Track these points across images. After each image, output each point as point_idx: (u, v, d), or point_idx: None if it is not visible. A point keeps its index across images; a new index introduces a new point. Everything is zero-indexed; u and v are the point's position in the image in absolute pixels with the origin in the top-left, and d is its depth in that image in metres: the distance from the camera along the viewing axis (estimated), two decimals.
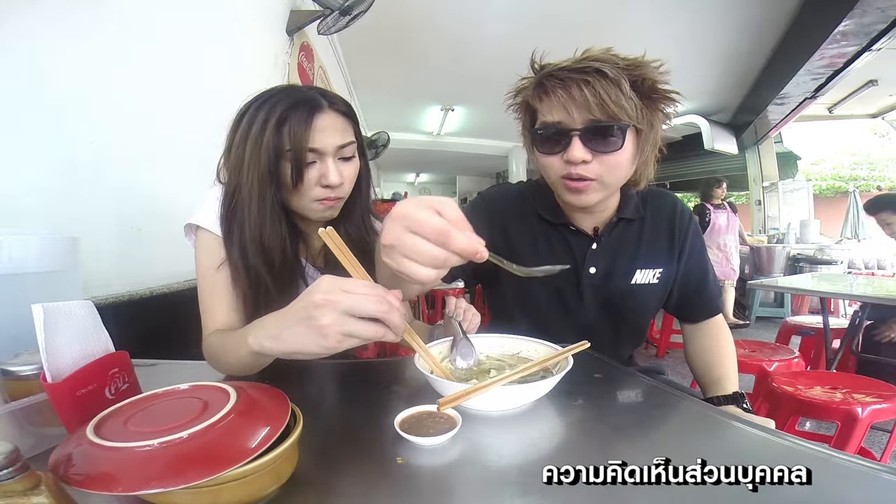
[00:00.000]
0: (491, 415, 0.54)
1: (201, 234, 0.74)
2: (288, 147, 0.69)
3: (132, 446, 0.31)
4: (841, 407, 1.23)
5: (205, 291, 0.73)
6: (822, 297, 2.09)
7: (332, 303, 0.41)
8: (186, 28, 1.33)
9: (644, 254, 0.87)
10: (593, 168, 0.72)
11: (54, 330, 0.42)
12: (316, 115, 0.70)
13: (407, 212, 0.40)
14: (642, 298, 0.88)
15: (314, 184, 0.72)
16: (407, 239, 0.39)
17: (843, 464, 0.42)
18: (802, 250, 4.85)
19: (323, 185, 0.72)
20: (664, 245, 0.89)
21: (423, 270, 0.40)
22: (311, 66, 2.66)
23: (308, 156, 0.70)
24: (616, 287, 0.86)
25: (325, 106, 0.72)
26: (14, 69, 0.80)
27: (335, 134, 0.72)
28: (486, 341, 0.73)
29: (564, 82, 0.69)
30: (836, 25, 2.68)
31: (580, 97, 0.68)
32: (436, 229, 0.39)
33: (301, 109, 0.69)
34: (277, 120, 0.68)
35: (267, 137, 0.68)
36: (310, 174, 0.71)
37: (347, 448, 0.46)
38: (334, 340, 0.42)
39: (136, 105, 1.10)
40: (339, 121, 0.74)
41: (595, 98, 0.67)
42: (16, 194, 0.81)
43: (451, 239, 0.39)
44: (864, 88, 4.55)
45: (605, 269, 0.86)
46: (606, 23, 3.19)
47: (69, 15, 0.90)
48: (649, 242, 0.88)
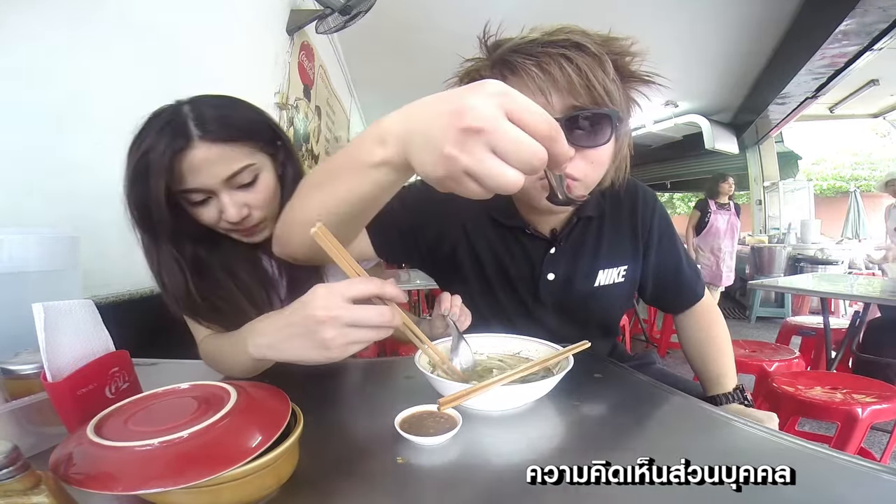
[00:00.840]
0: (491, 415, 0.54)
1: None
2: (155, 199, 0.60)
3: (132, 446, 0.31)
4: (841, 407, 1.23)
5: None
6: (823, 297, 2.09)
7: (334, 318, 0.40)
8: (187, 28, 1.33)
9: (606, 253, 0.79)
10: (578, 166, 0.60)
11: (55, 329, 0.42)
12: (184, 154, 0.60)
13: (507, 91, 0.33)
14: (608, 299, 0.81)
15: (217, 221, 0.65)
16: (509, 127, 0.32)
17: (843, 464, 0.42)
18: (803, 250, 4.84)
19: (227, 220, 0.65)
20: (627, 239, 0.81)
21: (512, 174, 0.33)
22: (312, 65, 2.66)
23: (193, 196, 0.62)
24: (578, 292, 0.79)
25: (195, 139, 0.60)
26: (14, 69, 0.80)
27: (215, 168, 0.62)
28: (487, 341, 0.73)
29: (538, 58, 0.56)
30: (837, 25, 2.67)
31: (562, 78, 0.55)
32: (548, 121, 0.33)
33: (164, 152, 0.59)
34: (142, 169, 0.59)
35: (137, 192, 0.61)
36: (208, 212, 0.64)
37: (348, 448, 0.46)
38: (338, 352, 0.42)
39: (136, 105, 1.10)
40: (217, 150, 0.61)
41: (581, 79, 0.55)
42: (16, 194, 0.81)
43: (559, 140, 0.33)
44: (866, 88, 4.54)
45: (565, 275, 0.78)
46: (606, 23, 3.17)
47: (69, 15, 0.90)
48: (611, 239, 0.80)
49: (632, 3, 2.98)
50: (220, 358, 0.63)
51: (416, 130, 0.37)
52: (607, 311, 0.85)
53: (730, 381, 0.81)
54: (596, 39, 0.58)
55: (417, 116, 0.37)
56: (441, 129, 0.33)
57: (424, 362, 0.62)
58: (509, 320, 0.81)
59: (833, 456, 0.44)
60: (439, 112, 0.34)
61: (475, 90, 0.33)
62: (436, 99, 0.36)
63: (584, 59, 0.55)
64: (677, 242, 0.87)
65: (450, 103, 0.33)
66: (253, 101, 0.73)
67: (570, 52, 0.55)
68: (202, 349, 0.69)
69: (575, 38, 0.56)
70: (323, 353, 0.42)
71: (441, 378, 0.56)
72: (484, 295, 0.81)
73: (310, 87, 2.60)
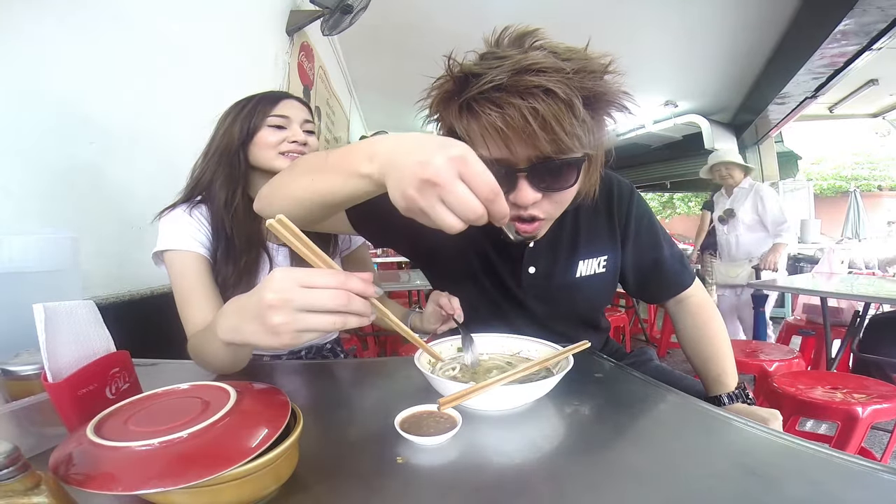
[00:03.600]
0: (491, 414, 0.54)
1: (168, 255, 0.80)
2: (254, 118, 0.87)
3: (132, 446, 0.31)
4: (841, 407, 1.23)
5: (181, 300, 0.78)
6: (823, 297, 2.09)
7: (285, 301, 0.39)
8: (186, 28, 1.33)
9: (584, 244, 0.81)
10: (543, 207, 0.63)
11: (55, 329, 0.42)
12: (283, 99, 0.90)
13: (465, 156, 0.41)
14: (590, 290, 0.83)
15: (282, 139, 0.88)
16: (457, 187, 0.41)
17: (843, 464, 0.42)
18: (803, 250, 4.84)
19: (291, 141, 0.88)
20: (604, 230, 0.83)
21: (454, 221, 0.42)
22: (312, 66, 2.66)
23: (275, 119, 0.87)
24: (559, 283, 0.81)
25: (291, 96, 0.93)
26: (15, 70, 0.80)
27: (300, 111, 0.91)
28: (487, 341, 0.73)
29: (502, 108, 0.53)
30: (835, 25, 2.67)
31: (526, 130, 0.53)
32: (491, 187, 0.41)
33: (270, 96, 0.90)
34: (251, 107, 0.87)
35: (244, 113, 0.87)
36: (278, 133, 0.88)
37: (347, 448, 0.46)
38: (289, 338, 0.40)
39: (135, 105, 1.10)
40: (304, 108, 0.93)
41: (546, 133, 0.53)
42: (17, 195, 0.81)
43: (496, 202, 0.41)
44: (865, 88, 4.54)
45: (546, 268, 0.80)
46: (606, 22, 3.19)
47: (69, 15, 0.90)
48: (588, 231, 0.82)
49: (632, 2, 2.98)
50: (201, 351, 0.65)
51: (394, 163, 0.44)
52: (591, 302, 0.86)
53: (731, 380, 0.81)
54: (566, 69, 0.53)
55: (399, 152, 0.44)
56: (409, 174, 0.41)
57: (425, 362, 0.62)
58: (499, 309, 0.83)
59: (833, 456, 0.44)
60: (413, 160, 0.41)
61: (442, 149, 0.41)
62: (416, 144, 0.43)
63: (552, 108, 0.52)
64: (658, 232, 0.87)
65: (422, 155, 0.41)
66: None
67: (537, 103, 0.52)
68: (190, 346, 0.70)
69: (544, 83, 0.52)
70: (273, 338, 0.41)
71: (441, 378, 0.56)
72: (474, 285, 0.83)
73: (309, 88, 2.60)
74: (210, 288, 0.80)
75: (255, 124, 0.86)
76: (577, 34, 0.64)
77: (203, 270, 0.81)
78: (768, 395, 1.42)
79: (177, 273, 0.79)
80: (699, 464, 0.43)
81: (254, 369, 0.76)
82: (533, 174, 0.58)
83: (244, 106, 0.88)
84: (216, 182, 0.87)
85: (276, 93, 0.92)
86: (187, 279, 0.79)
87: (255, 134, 0.87)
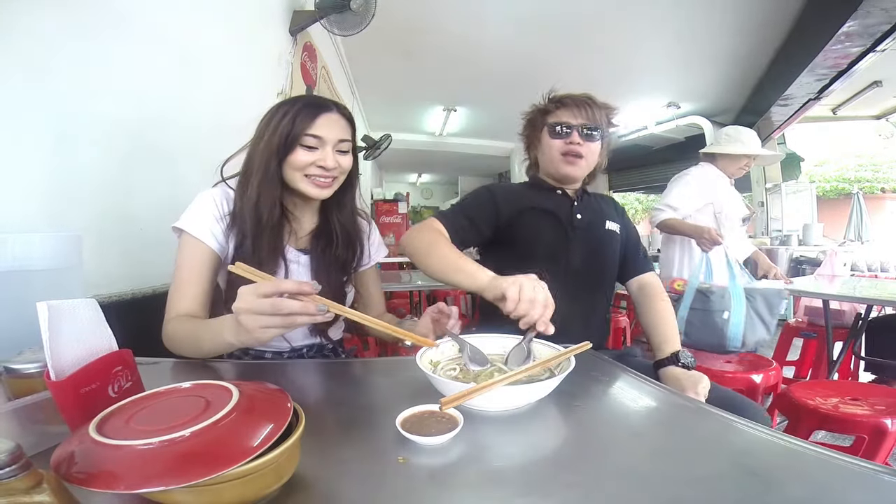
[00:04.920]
0: (493, 415, 0.54)
1: (184, 236, 0.84)
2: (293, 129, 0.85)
3: (134, 444, 0.32)
4: (869, 420, 1.16)
5: (178, 278, 0.83)
6: (825, 299, 2.08)
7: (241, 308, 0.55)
8: (188, 28, 1.33)
9: (606, 212, 1.22)
10: (584, 149, 1.12)
11: (58, 328, 0.42)
12: (324, 112, 0.88)
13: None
14: (614, 243, 1.19)
15: (310, 163, 0.86)
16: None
17: (844, 465, 0.42)
18: (805, 252, 4.83)
19: (319, 165, 0.87)
20: (613, 212, 1.24)
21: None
22: (315, 66, 2.66)
23: (310, 139, 0.86)
24: (596, 230, 1.17)
25: (333, 108, 0.90)
26: (16, 70, 0.80)
27: (336, 129, 0.89)
28: (487, 341, 0.73)
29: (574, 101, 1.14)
30: (839, 26, 2.66)
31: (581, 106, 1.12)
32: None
33: (314, 105, 0.88)
34: (295, 112, 0.86)
35: (284, 123, 0.85)
36: (308, 155, 0.86)
37: (349, 447, 0.46)
38: (258, 332, 0.55)
39: (139, 105, 1.11)
40: (343, 122, 0.91)
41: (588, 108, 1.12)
42: (19, 195, 0.81)
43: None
44: (869, 90, 4.52)
45: (588, 217, 1.18)
46: (608, 23, 3.19)
47: (71, 15, 0.91)
48: (605, 208, 1.24)
49: (634, 3, 2.97)
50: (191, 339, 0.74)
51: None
52: (613, 254, 1.19)
53: (669, 348, 1.00)
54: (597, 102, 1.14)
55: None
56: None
57: (426, 362, 0.62)
58: (555, 251, 1.13)
59: (834, 457, 0.44)
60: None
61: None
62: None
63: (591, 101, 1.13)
64: (637, 232, 1.27)
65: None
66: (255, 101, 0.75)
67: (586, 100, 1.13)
68: (171, 327, 0.78)
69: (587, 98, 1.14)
70: (246, 335, 0.57)
71: (443, 378, 0.56)
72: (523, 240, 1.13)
73: (312, 88, 2.61)
74: (206, 283, 0.84)
75: (291, 142, 0.85)
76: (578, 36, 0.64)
77: (207, 265, 0.84)
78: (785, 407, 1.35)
79: (183, 257, 0.84)
80: (700, 464, 0.43)
81: (255, 369, 0.77)
82: (582, 131, 1.12)
83: (286, 113, 0.86)
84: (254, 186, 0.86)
85: (319, 102, 0.89)
86: (189, 268, 0.83)
87: (290, 153, 0.85)
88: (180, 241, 0.85)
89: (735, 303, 1.60)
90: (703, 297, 1.66)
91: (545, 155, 1.17)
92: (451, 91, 4.85)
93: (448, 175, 10.63)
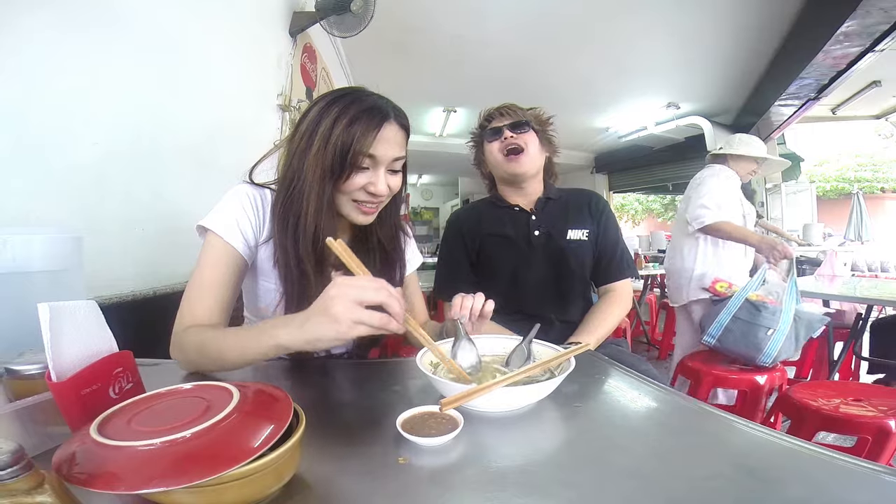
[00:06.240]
0: (493, 415, 0.54)
1: (209, 235, 0.76)
2: (351, 147, 0.71)
3: (135, 445, 0.32)
4: (874, 421, 1.16)
5: (199, 282, 0.74)
6: (826, 299, 2.08)
7: (343, 294, 0.50)
8: (189, 29, 1.33)
9: (571, 218, 1.21)
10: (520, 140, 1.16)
11: (60, 329, 0.42)
12: (384, 125, 0.73)
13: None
14: (579, 251, 1.18)
15: (359, 187, 0.75)
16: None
17: (844, 465, 0.42)
18: (805, 252, 4.83)
19: (369, 191, 0.75)
20: (585, 214, 1.22)
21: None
22: (315, 67, 2.67)
23: (364, 160, 0.73)
24: (556, 243, 1.18)
25: (392, 118, 0.75)
26: (17, 71, 0.80)
27: (394, 146, 0.75)
28: (487, 341, 0.73)
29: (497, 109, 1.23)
30: (838, 26, 2.66)
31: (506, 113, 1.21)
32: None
33: (373, 115, 0.72)
34: (350, 119, 0.71)
35: (336, 134, 0.71)
36: (359, 178, 0.74)
37: (349, 448, 0.46)
38: (346, 326, 0.49)
39: (139, 106, 1.11)
40: (400, 134, 0.78)
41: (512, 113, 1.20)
42: (19, 194, 0.81)
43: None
44: (868, 89, 4.53)
45: (546, 231, 1.19)
46: (608, 23, 3.19)
47: (72, 17, 0.91)
48: (573, 212, 1.22)
49: (633, 3, 2.98)
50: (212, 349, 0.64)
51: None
52: (580, 262, 1.19)
53: (584, 339, 1.03)
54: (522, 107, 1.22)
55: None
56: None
57: (426, 363, 0.62)
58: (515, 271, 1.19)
59: (834, 457, 0.44)
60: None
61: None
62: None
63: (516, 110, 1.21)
64: (619, 235, 1.24)
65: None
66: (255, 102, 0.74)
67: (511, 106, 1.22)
68: (183, 336, 0.69)
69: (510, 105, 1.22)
70: (335, 326, 0.50)
71: (443, 379, 0.56)
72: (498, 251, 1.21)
73: (312, 89, 2.61)
74: (230, 290, 0.76)
75: (349, 163, 0.71)
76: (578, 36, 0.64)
77: (233, 270, 0.76)
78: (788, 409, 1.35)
79: (207, 259, 0.74)
80: (700, 464, 0.43)
81: (256, 370, 0.77)
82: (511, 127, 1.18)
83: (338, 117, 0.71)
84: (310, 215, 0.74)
85: (378, 107, 0.73)
86: (212, 272, 0.74)
87: (343, 176, 0.73)
88: (205, 241, 0.77)
89: (783, 322, 1.55)
90: (754, 309, 1.59)
91: (491, 163, 1.22)
92: (450, 92, 4.85)
93: (448, 176, 10.63)
